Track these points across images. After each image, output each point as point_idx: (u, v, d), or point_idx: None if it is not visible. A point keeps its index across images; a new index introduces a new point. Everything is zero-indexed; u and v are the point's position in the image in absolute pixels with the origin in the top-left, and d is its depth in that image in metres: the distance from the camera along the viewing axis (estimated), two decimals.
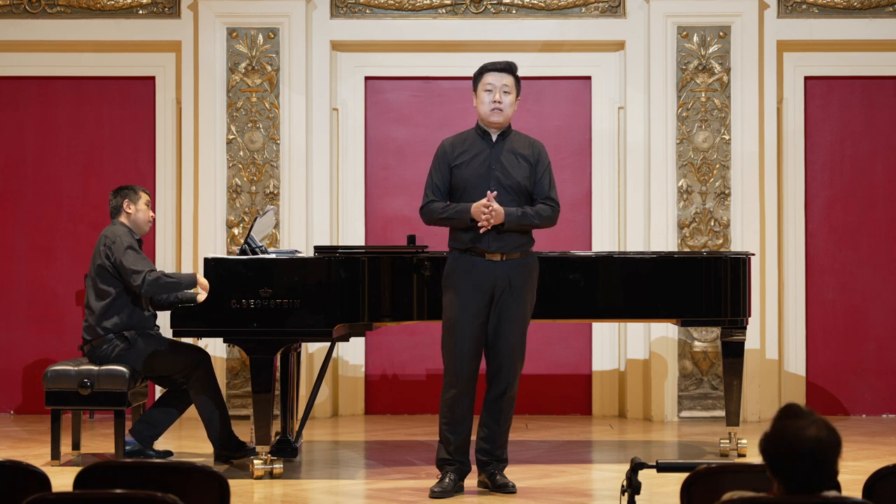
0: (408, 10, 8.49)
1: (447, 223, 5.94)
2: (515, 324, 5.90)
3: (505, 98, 5.94)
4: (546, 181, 5.98)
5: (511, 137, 6.01)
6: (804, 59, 8.49)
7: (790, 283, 8.48)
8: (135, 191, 6.83)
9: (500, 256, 5.88)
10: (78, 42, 8.46)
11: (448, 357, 5.91)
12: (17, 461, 3.49)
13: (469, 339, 5.86)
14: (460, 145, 6.00)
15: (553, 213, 5.97)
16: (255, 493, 5.97)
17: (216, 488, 3.38)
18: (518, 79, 6.02)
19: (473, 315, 5.86)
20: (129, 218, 6.77)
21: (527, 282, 5.94)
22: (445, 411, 5.93)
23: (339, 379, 8.55)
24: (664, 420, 8.24)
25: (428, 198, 5.97)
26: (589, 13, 8.47)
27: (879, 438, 7.59)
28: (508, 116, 5.97)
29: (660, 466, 3.54)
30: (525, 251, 5.95)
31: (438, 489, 5.88)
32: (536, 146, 6.04)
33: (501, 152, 5.95)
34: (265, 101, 8.31)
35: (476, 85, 6.00)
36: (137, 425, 6.73)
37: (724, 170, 8.28)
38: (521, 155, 5.97)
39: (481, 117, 5.99)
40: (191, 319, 6.25)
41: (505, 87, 5.95)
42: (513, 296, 5.89)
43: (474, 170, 5.92)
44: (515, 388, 5.98)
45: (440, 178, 5.96)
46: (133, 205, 6.79)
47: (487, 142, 5.98)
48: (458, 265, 5.91)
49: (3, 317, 8.57)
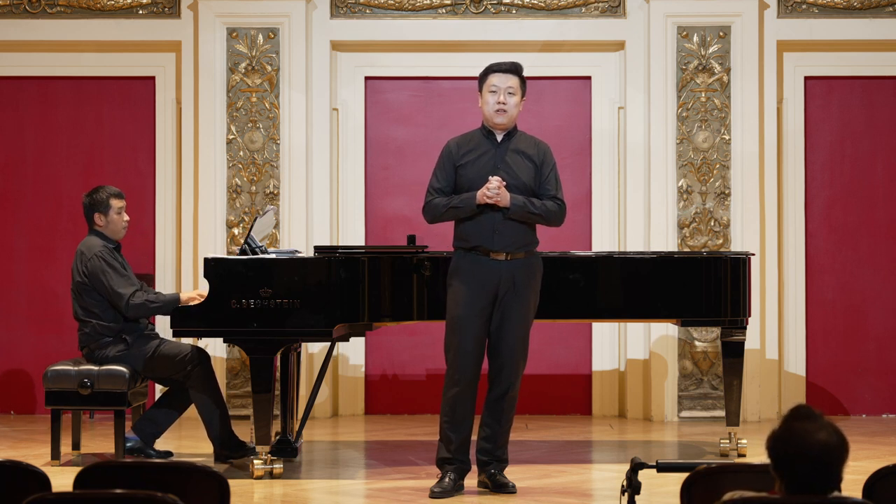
0: (408, 10, 8.49)
1: (454, 213, 5.91)
2: (518, 324, 5.90)
3: (510, 99, 5.94)
4: (552, 181, 5.99)
5: (516, 138, 6.02)
6: (804, 59, 8.49)
7: (790, 283, 8.48)
8: (104, 201, 6.71)
9: (505, 256, 5.88)
10: (78, 42, 8.46)
11: (451, 355, 5.91)
12: (17, 461, 3.49)
13: (472, 337, 5.87)
14: (465, 145, 6.01)
15: (560, 211, 5.98)
16: (255, 493, 5.98)
17: (216, 488, 3.38)
18: (524, 80, 6.03)
19: (477, 314, 5.87)
20: (102, 228, 6.75)
21: (530, 282, 5.95)
22: (447, 410, 5.94)
23: (339, 379, 8.55)
24: (664, 420, 8.24)
25: (431, 196, 5.98)
26: (589, 13, 8.47)
27: (879, 438, 7.59)
28: (513, 117, 5.98)
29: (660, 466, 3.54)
30: (529, 251, 5.96)
31: (438, 489, 5.88)
32: (542, 147, 6.04)
33: (506, 152, 5.97)
34: (265, 101, 8.31)
35: (481, 85, 6.01)
36: (139, 423, 6.74)
37: (724, 170, 8.28)
38: (526, 155, 5.98)
39: (486, 118, 6.00)
40: (191, 319, 6.26)
41: (510, 89, 5.95)
42: (516, 296, 5.89)
43: (479, 170, 5.93)
44: (517, 389, 5.98)
45: (444, 177, 5.97)
46: (104, 217, 6.74)
47: (492, 142, 5.99)
48: (463, 263, 5.92)
49: (3, 317, 8.57)
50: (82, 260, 6.65)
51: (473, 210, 5.87)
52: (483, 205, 5.84)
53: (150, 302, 6.55)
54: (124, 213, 6.81)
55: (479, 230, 5.88)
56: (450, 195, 5.95)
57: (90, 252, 6.64)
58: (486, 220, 5.87)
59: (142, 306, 6.54)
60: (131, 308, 6.54)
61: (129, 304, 6.54)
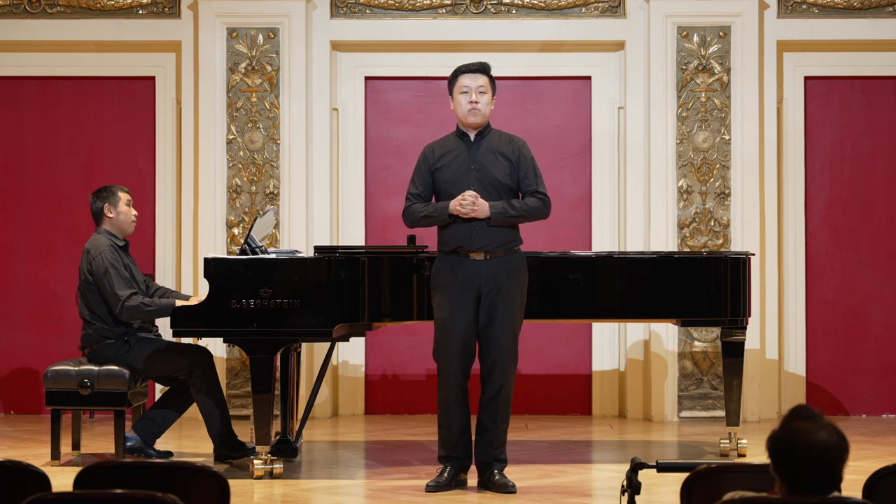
0: (408, 10, 8.48)
1: (428, 221, 6.00)
2: (505, 323, 5.91)
3: (481, 98, 5.99)
4: (531, 176, 6.00)
5: (489, 136, 6.04)
6: (804, 59, 8.49)
7: (790, 283, 8.48)
8: (113, 192, 6.78)
9: (485, 255, 5.90)
10: (78, 42, 8.46)
11: (440, 357, 5.97)
12: (17, 461, 3.49)
13: (459, 338, 5.90)
14: (440, 149, 6.08)
15: (542, 206, 5.98)
16: (255, 493, 5.98)
17: (216, 488, 3.38)
18: (492, 78, 6.08)
19: (462, 315, 5.89)
20: (111, 222, 6.76)
21: (512, 281, 5.94)
22: (441, 409, 6.01)
23: (339, 379, 8.55)
24: (664, 420, 8.24)
25: (410, 201, 6.03)
26: (589, 13, 8.47)
27: (879, 438, 7.59)
28: (486, 115, 6.02)
29: (660, 466, 3.54)
30: (510, 249, 5.96)
31: (433, 483, 5.96)
32: (516, 143, 6.05)
33: (480, 152, 6.00)
34: (265, 101, 8.30)
35: (451, 88, 6.08)
36: (139, 422, 6.74)
37: (724, 170, 8.28)
38: (500, 153, 6.00)
39: (459, 119, 6.06)
40: (191, 319, 6.25)
41: (480, 88, 6.00)
42: (500, 295, 5.90)
43: (453, 171, 5.97)
44: (510, 388, 5.99)
45: (421, 182, 6.05)
46: (113, 208, 6.75)
47: (466, 142, 6.04)
48: (444, 266, 5.97)
49: (3, 317, 8.57)
50: (88, 258, 6.65)
51: (446, 220, 5.91)
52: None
53: (144, 305, 6.54)
54: (132, 207, 6.83)
55: (458, 232, 5.92)
56: (427, 200, 6.03)
57: (96, 250, 6.64)
58: (463, 222, 5.90)
59: (136, 309, 6.53)
60: (126, 310, 6.52)
61: (124, 306, 6.52)
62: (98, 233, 6.76)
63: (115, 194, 6.78)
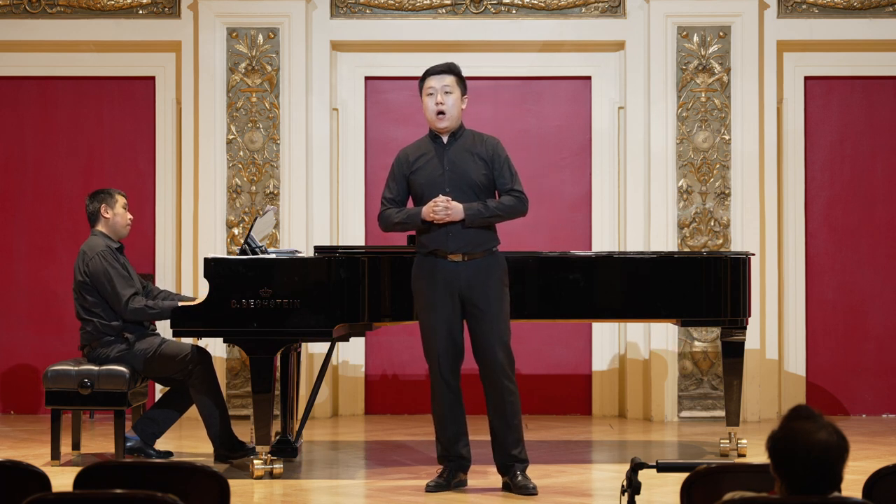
0: (408, 10, 8.49)
1: (402, 227, 5.99)
2: (492, 324, 5.88)
3: (447, 98, 5.93)
4: (507, 174, 5.96)
5: (462, 137, 6.01)
6: (804, 59, 8.49)
7: (790, 283, 8.48)
8: (111, 195, 6.81)
9: (462, 257, 5.88)
10: (78, 42, 8.46)
11: (429, 359, 5.96)
12: (17, 461, 3.49)
13: (443, 339, 5.89)
14: (415, 153, 6.04)
15: (519, 204, 5.95)
16: (255, 493, 5.98)
17: (216, 488, 3.38)
18: (461, 78, 6.02)
19: (444, 316, 5.88)
20: (107, 224, 6.77)
21: (491, 281, 5.91)
22: (434, 410, 6.02)
23: (339, 379, 8.55)
24: (664, 420, 8.24)
25: (384, 206, 6.01)
26: (589, 13, 8.47)
27: (879, 438, 7.59)
28: (454, 117, 5.96)
29: (660, 466, 3.54)
30: (488, 250, 5.93)
31: (433, 483, 5.97)
32: (489, 142, 6.01)
33: (454, 153, 5.96)
34: (265, 101, 8.31)
35: (420, 92, 6.03)
36: (139, 422, 6.75)
37: (724, 170, 8.28)
38: (474, 153, 5.96)
39: (429, 122, 6.01)
40: (191, 319, 6.25)
41: (446, 87, 5.94)
42: (482, 297, 5.87)
43: (427, 175, 5.94)
44: (512, 387, 5.92)
45: (396, 187, 6.00)
46: (110, 209, 6.77)
47: (439, 145, 6.00)
48: (422, 268, 5.95)
49: (3, 317, 8.57)
50: (84, 259, 6.66)
51: (419, 226, 5.89)
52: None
53: (148, 307, 6.57)
54: (128, 211, 6.85)
55: (435, 235, 5.88)
56: (402, 205, 6.00)
57: (92, 252, 6.65)
58: (439, 226, 5.87)
59: (140, 311, 6.56)
60: (129, 311, 6.56)
61: (128, 308, 6.56)
62: (93, 234, 6.77)
63: (113, 196, 6.80)
